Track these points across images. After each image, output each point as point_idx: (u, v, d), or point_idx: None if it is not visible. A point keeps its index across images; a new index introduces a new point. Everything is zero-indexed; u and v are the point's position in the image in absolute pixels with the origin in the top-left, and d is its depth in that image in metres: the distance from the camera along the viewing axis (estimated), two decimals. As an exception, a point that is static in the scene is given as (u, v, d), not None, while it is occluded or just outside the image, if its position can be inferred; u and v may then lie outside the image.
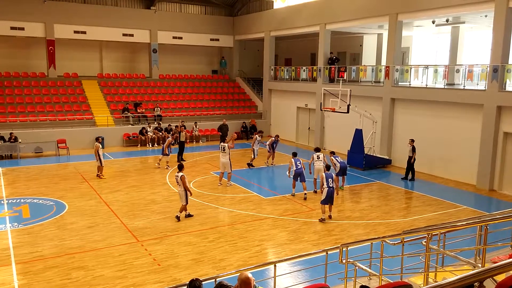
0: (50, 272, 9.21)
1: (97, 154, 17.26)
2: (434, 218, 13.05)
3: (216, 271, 9.13)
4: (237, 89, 32.53)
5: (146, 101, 27.94)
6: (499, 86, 15.92)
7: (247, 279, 4.63)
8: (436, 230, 6.79)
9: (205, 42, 31.68)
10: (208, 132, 27.41)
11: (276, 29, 28.17)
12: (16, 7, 25.17)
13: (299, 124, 27.41)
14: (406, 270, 7.15)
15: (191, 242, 10.96)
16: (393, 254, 7.83)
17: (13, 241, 10.90)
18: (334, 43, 25.26)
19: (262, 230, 11.92)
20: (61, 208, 13.58)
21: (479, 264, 6.38)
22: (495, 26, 15.96)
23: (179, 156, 21.20)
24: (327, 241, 11.07)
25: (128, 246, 10.69)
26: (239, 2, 32.07)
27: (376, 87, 21.28)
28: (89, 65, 29.39)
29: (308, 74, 26.02)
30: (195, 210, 13.51)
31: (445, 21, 20.66)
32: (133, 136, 25.08)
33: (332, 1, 23.65)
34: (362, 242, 8.85)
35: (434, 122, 18.49)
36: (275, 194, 15.58)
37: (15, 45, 27.19)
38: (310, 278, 8.55)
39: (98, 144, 17.45)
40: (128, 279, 8.96)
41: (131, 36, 28.89)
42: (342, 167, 15.76)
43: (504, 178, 16.24)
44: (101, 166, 17.54)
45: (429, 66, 19.79)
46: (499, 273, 2.83)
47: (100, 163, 17.41)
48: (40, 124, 23.37)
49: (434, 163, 18.47)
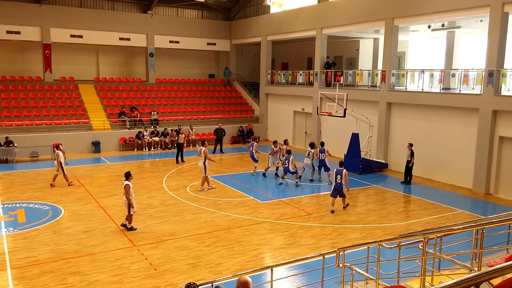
0: (45, 277, 9.16)
1: (59, 163, 16.55)
2: (431, 222, 13.07)
3: (213, 276, 9.12)
4: (234, 93, 32.56)
5: (143, 105, 27.92)
6: (495, 90, 16.00)
7: (246, 282, 4.74)
8: (432, 234, 6.81)
9: (202, 46, 31.74)
10: (204, 136, 27.37)
11: (272, 34, 28.26)
12: (12, 11, 25.12)
13: (295, 128, 27.45)
14: (402, 274, 7.16)
15: (187, 246, 10.93)
16: (390, 258, 7.83)
17: (8, 246, 10.83)
18: (331, 48, 25.36)
19: (259, 234, 11.91)
20: (57, 213, 13.52)
21: (475, 268, 6.39)
22: (490, 31, 16.06)
23: (178, 158, 21.37)
24: (324, 245, 11.07)
25: (125, 250, 10.64)
26: (236, 6, 32.16)
27: (372, 91, 21.35)
28: (85, 69, 29.33)
29: (304, 78, 26.10)
30: (192, 214, 13.49)
31: (441, 26, 20.78)
32: (129, 140, 25.03)
33: (329, 5, 23.77)
34: (359, 246, 8.82)
35: (430, 126, 18.56)
36: (272, 198, 15.56)
37: (11, 49, 27.13)
38: (307, 282, 8.54)
39: (59, 152, 16.75)
40: (124, 284, 8.92)
41: (128, 40, 28.90)
42: (320, 161, 17.49)
43: (500, 182, 16.30)
44: (65, 174, 16.69)
45: (425, 71, 19.88)
46: (495, 276, 2.84)
47: (63, 171, 16.62)
48: (36, 128, 23.30)
49: (430, 167, 18.52)
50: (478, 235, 6.51)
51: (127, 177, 12.05)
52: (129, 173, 12.19)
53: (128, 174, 12.11)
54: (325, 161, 17.61)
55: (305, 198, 15.64)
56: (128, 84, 29.29)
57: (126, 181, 11.97)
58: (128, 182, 11.96)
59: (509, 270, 2.84)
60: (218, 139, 25.00)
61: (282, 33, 27.37)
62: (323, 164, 17.70)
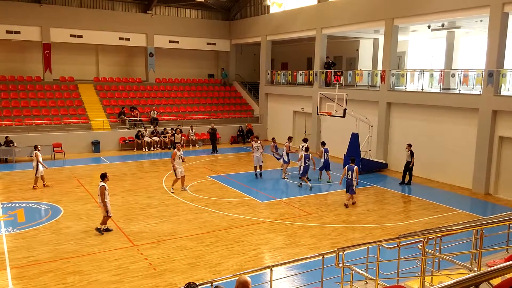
0: (45, 276, 9.15)
1: (37, 163, 16.06)
2: (430, 222, 13.07)
3: (212, 276, 9.11)
4: (234, 93, 32.56)
5: (143, 105, 27.92)
6: (494, 90, 16.00)
7: (246, 282, 4.76)
8: (432, 234, 6.80)
9: (201, 46, 31.74)
10: (204, 136, 27.40)
11: (272, 34, 28.25)
12: (12, 10, 25.12)
13: (295, 128, 27.45)
14: (402, 274, 7.16)
15: (187, 246, 10.93)
16: (389, 258, 7.83)
17: (8, 245, 10.82)
18: (330, 48, 25.36)
19: (259, 234, 11.90)
20: (57, 212, 13.52)
21: (475, 268, 6.39)
22: (490, 31, 16.06)
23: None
24: (323, 245, 11.07)
25: (124, 250, 10.64)
26: (236, 6, 32.16)
27: (372, 91, 21.35)
28: (85, 69, 29.32)
29: (304, 78, 26.10)
30: (192, 214, 13.48)
31: (441, 26, 20.78)
32: (129, 140, 25.03)
33: (328, 6, 23.77)
34: (358, 246, 8.83)
35: (430, 126, 18.56)
36: (271, 198, 15.56)
37: (11, 49, 27.11)
38: (306, 282, 8.55)
39: (38, 153, 16.34)
40: (124, 283, 8.91)
41: (128, 40, 28.89)
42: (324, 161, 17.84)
43: (499, 182, 16.30)
44: (36, 176, 16.18)
45: (425, 71, 19.88)
46: (495, 276, 2.84)
47: (36, 172, 16.08)
48: (36, 128, 23.28)
49: (430, 167, 18.52)
50: (477, 235, 6.51)
51: (103, 179, 11.72)
52: (105, 174, 11.87)
53: (103, 176, 11.79)
54: (328, 161, 17.69)
55: (305, 198, 15.63)
56: (127, 84, 29.29)
57: (101, 182, 11.63)
58: (103, 183, 11.62)
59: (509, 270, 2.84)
60: (212, 139, 24.89)
61: (281, 33, 27.36)
62: (327, 163, 17.72)
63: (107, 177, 11.94)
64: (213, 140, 24.83)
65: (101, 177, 11.82)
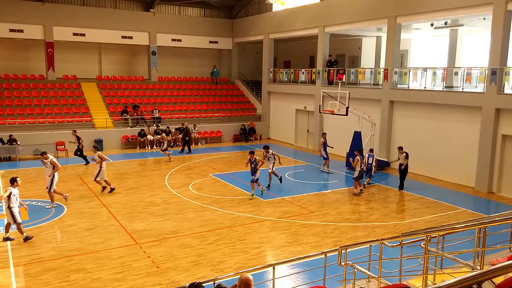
0: (48, 274, 9.19)
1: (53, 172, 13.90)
2: (433, 220, 13.05)
3: (215, 274, 9.13)
4: (236, 92, 32.54)
5: (145, 103, 27.95)
6: (498, 88, 15.95)
7: (248, 280, 4.77)
8: (435, 232, 6.80)
9: (204, 45, 31.74)
10: (207, 134, 27.43)
11: (275, 32, 28.22)
12: (15, 9, 25.19)
13: (298, 126, 27.43)
14: (404, 272, 7.15)
15: (190, 244, 10.95)
16: (392, 256, 7.83)
17: (11, 243, 10.88)
18: (333, 46, 25.32)
19: (261, 232, 11.92)
20: (60, 211, 13.56)
21: (477, 266, 6.37)
22: (494, 29, 16.01)
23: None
24: (326, 243, 11.07)
25: (127, 248, 10.67)
26: (238, 4, 32.13)
27: (374, 89, 21.32)
28: (88, 67, 29.37)
29: (307, 76, 26.06)
30: (194, 212, 13.51)
31: (444, 24, 20.71)
32: (132, 138, 25.07)
33: (331, 4, 23.72)
34: (361, 244, 8.83)
35: (433, 125, 18.52)
36: (274, 196, 15.57)
37: (14, 47, 27.18)
38: (309, 281, 8.56)
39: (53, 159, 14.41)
40: (126, 281, 8.94)
41: (130, 38, 28.91)
42: None
43: (502, 180, 16.26)
44: None
45: (428, 69, 19.84)
46: (497, 275, 2.83)
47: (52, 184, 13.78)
48: (39, 126, 23.35)
49: (433, 166, 18.49)
50: (480, 234, 6.51)
51: (12, 183, 11.01)
52: (14, 179, 11.11)
53: (12, 180, 11.06)
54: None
55: (308, 196, 15.63)
56: (130, 83, 29.32)
57: (10, 187, 10.89)
58: (12, 188, 10.88)
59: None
60: (184, 138, 24.03)
61: (284, 31, 27.33)
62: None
63: (17, 182, 11.15)
64: (185, 140, 23.89)
65: (10, 181, 11.09)
